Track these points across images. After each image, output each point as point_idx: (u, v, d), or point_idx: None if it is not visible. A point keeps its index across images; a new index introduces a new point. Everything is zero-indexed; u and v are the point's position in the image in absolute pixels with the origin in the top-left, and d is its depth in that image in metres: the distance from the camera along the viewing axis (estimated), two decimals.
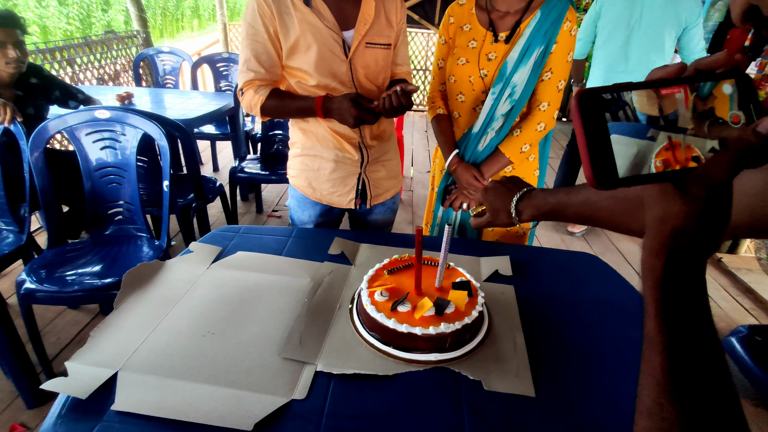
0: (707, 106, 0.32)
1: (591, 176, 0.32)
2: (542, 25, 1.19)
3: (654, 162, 0.32)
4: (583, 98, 0.32)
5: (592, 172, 0.32)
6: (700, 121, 0.32)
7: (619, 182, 0.32)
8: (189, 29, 16.80)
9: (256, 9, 1.12)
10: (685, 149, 0.32)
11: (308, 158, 1.29)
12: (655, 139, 0.32)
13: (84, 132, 1.65)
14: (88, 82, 3.66)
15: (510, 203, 0.83)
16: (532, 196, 0.82)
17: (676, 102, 0.32)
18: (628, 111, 0.32)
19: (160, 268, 1.04)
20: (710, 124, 0.32)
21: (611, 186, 0.32)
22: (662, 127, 0.32)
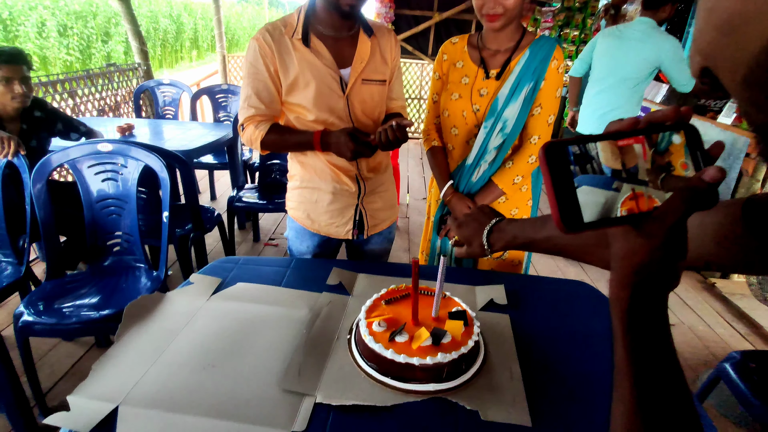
0: (665, 160, 0.36)
1: (558, 221, 0.35)
2: (531, 63, 1.25)
3: (619, 210, 0.35)
4: (549, 149, 0.36)
5: (559, 216, 0.35)
6: (656, 174, 0.36)
7: (584, 226, 0.35)
8: (188, 60, 17.16)
9: (257, 49, 1.17)
10: (647, 199, 0.36)
11: (307, 190, 1.32)
12: (619, 190, 0.36)
13: (86, 164, 1.68)
14: (89, 114, 3.73)
15: (482, 234, 0.85)
16: (502, 229, 0.84)
17: (636, 156, 0.35)
18: (594, 165, 0.36)
19: (161, 300, 1.05)
20: (664, 177, 0.36)
21: (577, 230, 0.35)
22: (625, 179, 0.35)
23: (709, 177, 0.33)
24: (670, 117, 0.36)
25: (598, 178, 0.36)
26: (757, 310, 2.51)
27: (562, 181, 0.35)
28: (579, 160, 0.47)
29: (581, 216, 0.35)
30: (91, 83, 3.76)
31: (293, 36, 1.18)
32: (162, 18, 15.20)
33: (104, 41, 12.56)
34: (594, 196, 0.35)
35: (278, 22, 1.20)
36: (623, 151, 0.35)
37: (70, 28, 11.45)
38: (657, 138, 0.36)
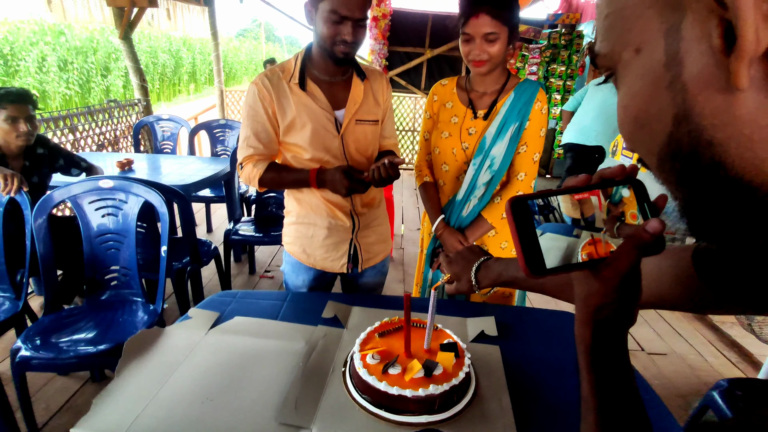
0: (619, 210, 0.41)
1: (524, 267, 0.40)
2: (516, 104, 1.34)
3: (580, 255, 0.40)
4: (514, 204, 0.40)
5: (525, 263, 0.39)
6: (611, 223, 0.41)
7: (547, 271, 0.40)
8: (186, 93, 17.50)
9: (256, 93, 1.25)
10: (604, 244, 0.41)
11: (303, 226, 1.37)
12: (579, 237, 0.40)
13: (87, 200, 1.73)
14: (88, 148, 3.80)
15: (470, 271, 0.90)
16: (489, 267, 0.88)
17: (593, 207, 0.41)
18: (556, 214, 0.41)
19: (160, 335, 1.08)
20: (618, 225, 0.41)
21: (541, 274, 0.40)
22: (583, 227, 0.41)
23: (651, 229, 0.38)
24: (617, 174, 0.42)
25: (561, 226, 0.41)
26: (748, 338, 2.54)
27: (527, 232, 0.39)
28: (542, 211, 0.51)
29: (544, 262, 0.39)
30: (92, 119, 3.85)
31: (290, 81, 1.25)
32: (161, 53, 15.59)
33: (104, 75, 12.82)
34: (557, 242, 0.40)
35: (276, 68, 1.28)
36: (582, 202, 0.42)
37: (70, 63, 11.71)
38: (611, 191, 0.41)
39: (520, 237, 0.39)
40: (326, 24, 1.15)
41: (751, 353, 2.44)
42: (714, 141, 0.25)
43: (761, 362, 2.23)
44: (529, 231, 0.40)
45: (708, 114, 0.25)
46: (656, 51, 0.27)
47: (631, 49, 0.29)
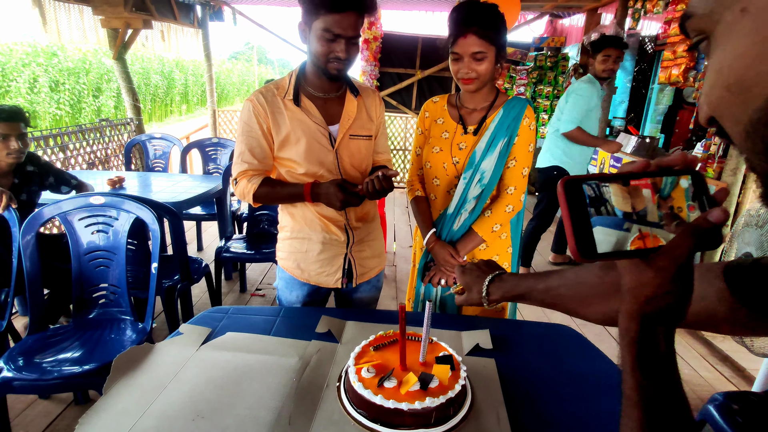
0: (668, 204, 0.40)
1: (575, 250, 0.38)
2: (505, 120, 1.36)
3: (629, 248, 0.39)
4: (567, 184, 0.39)
5: (576, 246, 0.38)
6: (669, 219, 0.40)
7: (599, 256, 0.38)
8: (178, 113, 17.55)
9: (251, 109, 1.26)
10: (653, 239, 0.39)
11: (297, 241, 1.37)
12: (629, 231, 0.39)
13: (77, 217, 1.71)
14: (78, 167, 3.77)
15: (482, 283, 0.90)
16: (503, 280, 0.88)
17: (645, 200, 0.40)
18: (608, 207, 0.39)
19: (150, 352, 1.06)
20: (670, 219, 0.40)
21: (592, 258, 0.38)
22: (635, 221, 0.39)
23: (714, 217, 0.36)
24: (677, 162, 0.40)
25: (611, 219, 0.40)
26: (740, 353, 2.55)
27: (579, 214, 0.38)
28: (594, 203, 0.50)
29: (595, 246, 0.38)
30: (83, 137, 3.84)
31: (285, 97, 1.27)
32: (153, 74, 15.69)
33: (95, 96, 12.83)
34: (607, 235, 0.39)
35: (271, 85, 1.30)
36: (633, 194, 0.39)
37: (62, 84, 11.72)
38: (661, 183, 0.40)
39: (572, 218, 0.38)
40: (320, 42, 1.17)
41: (744, 367, 2.44)
42: None
43: (754, 376, 2.24)
44: (582, 213, 0.38)
45: None
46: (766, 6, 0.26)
47: (736, 8, 0.28)
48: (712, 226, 0.36)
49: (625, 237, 0.39)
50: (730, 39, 0.28)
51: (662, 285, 0.39)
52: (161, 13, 4.81)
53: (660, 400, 0.40)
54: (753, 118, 0.28)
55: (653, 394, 0.40)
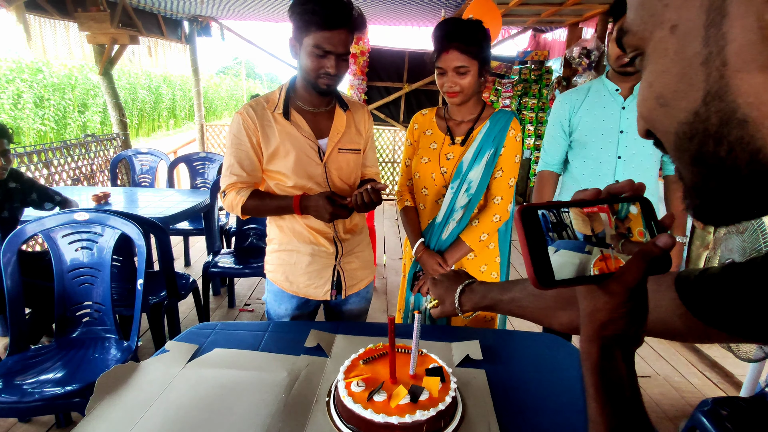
0: (626, 227, 0.41)
1: (533, 277, 0.38)
2: (491, 132, 1.38)
3: (592, 270, 0.40)
4: (524, 212, 0.39)
5: (534, 274, 0.38)
6: (619, 239, 0.41)
7: (556, 283, 0.39)
8: (165, 128, 17.46)
9: (241, 122, 1.26)
10: (614, 260, 0.40)
11: (285, 253, 1.36)
12: (590, 253, 0.40)
13: (61, 233, 1.68)
14: (63, 183, 3.72)
15: (454, 294, 0.90)
16: (473, 290, 0.89)
17: (602, 223, 0.40)
18: (569, 231, 0.40)
19: (135, 370, 1.03)
20: (624, 242, 0.41)
21: (549, 286, 0.38)
22: (594, 243, 0.40)
23: (662, 243, 0.37)
24: (626, 189, 0.41)
25: (573, 243, 0.40)
26: (728, 359, 2.58)
27: (536, 241, 0.38)
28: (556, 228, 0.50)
29: (552, 273, 0.38)
30: (68, 153, 3.79)
31: (275, 111, 1.27)
32: (141, 89, 15.62)
33: (81, 112, 12.71)
34: (569, 258, 0.39)
35: (261, 99, 1.30)
36: (592, 218, 0.40)
37: (47, 100, 11.60)
38: (618, 207, 0.41)
39: (529, 246, 0.38)
40: (310, 58, 1.18)
41: (732, 373, 2.47)
42: (748, 120, 0.25)
43: (742, 381, 2.26)
44: (539, 241, 0.39)
45: (745, 92, 0.25)
46: (695, 27, 0.27)
47: (666, 26, 0.29)
48: (661, 252, 0.38)
49: (587, 259, 0.40)
50: (659, 55, 0.30)
51: (616, 309, 0.40)
52: (148, 29, 4.82)
53: (624, 423, 0.40)
54: (678, 131, 0.30)
55: (617, 416, 0.40)
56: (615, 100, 1.62)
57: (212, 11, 5.05)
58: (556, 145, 1.76)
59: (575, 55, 4.19)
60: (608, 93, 1.64)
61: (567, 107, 1.71)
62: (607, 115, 1.63)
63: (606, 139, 1.63)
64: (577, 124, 1.68)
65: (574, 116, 1.69)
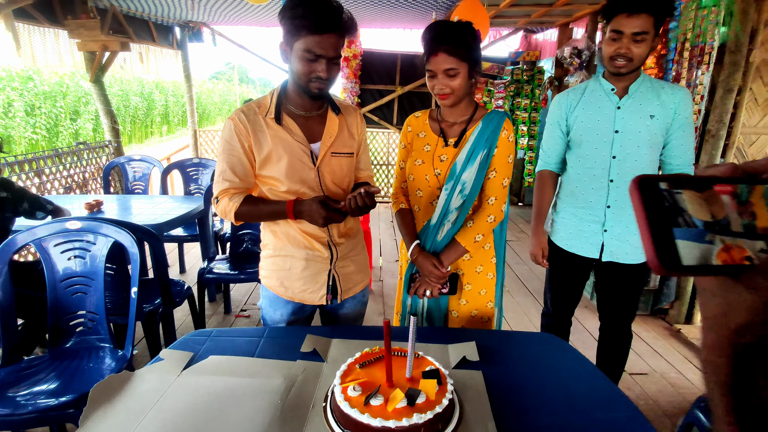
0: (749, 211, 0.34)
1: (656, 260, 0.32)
2: (484, 132, 1.39)
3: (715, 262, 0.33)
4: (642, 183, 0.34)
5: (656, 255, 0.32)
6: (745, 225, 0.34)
7: (683, 269, 0.32)
8: (158, 134, 17.38)
9: (233, 128, 1.25)
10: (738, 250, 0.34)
11: (280, 258, 1.35)
12: (713, 243, 0.33)
13: (53, 243, 1.67)
14: (55, 191, 3.69)
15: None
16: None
17: (724, 207, 0.34)
18: (686, 217, 0.34)
19: (129, 380, 1.02)
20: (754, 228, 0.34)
21: (675, 270, 0.32)
22: (717, 231, 0.34)
23: None
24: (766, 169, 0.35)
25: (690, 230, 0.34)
26: None
27: (657, 216, 0.33)
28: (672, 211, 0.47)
29: (679, 255, 0.32)
30: (59, 161, 3.76)
31: (267, 115, 1.27)
32: (133, 96, 15.54)
33: (73, 119, 12.62)
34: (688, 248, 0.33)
35: (253, 104, 1.30)
36: (710, 202, 0.35)
37: (38, 108, 11.51)
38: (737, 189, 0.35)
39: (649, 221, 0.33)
40: (301, 62, 1.18)
41: None
42: None
43: None
44: (660, 217, 0.33)
45: None
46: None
47: None
48: None
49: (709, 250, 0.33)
50: None
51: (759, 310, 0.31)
52: (139, 35, 4.80)
53: None
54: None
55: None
56: (610, 100, 1.63)
57: (203, 17, 5.04)
58: (554, 145, 1.77)
59: (566, 55, 4.22)
60: (604, 93, 1.65)
61: (564, 107, 1.73)
62: (602, 115, 1.64)
63: (601, 139, 1.64)
64: (573, 123, 1.69)
65: (570, 115, 1.71)
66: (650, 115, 1.57)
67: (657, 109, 1.57)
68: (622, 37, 1.48)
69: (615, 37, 1.50)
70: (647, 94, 1.59)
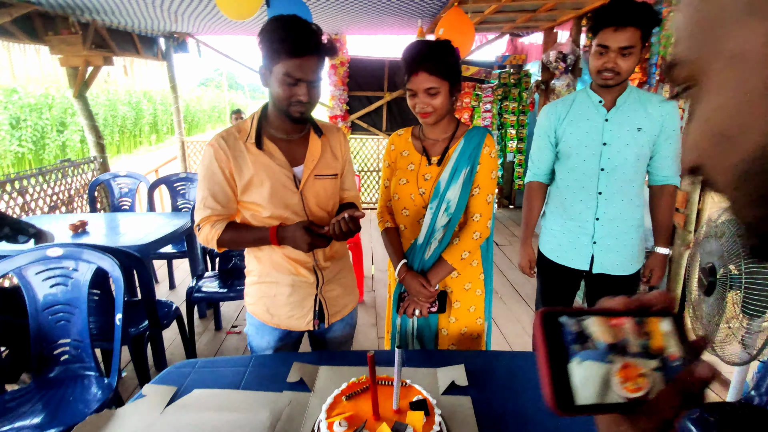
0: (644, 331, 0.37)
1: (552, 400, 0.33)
2: (466, 150, 1.38)
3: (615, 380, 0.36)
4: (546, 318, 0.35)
5: (553, 396, 0.33)
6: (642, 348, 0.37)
7: (576, 408, 0.34)
8: (147, 144, 17.24)
9: (212, 154, 1.23)
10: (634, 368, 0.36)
11: (265, 285, 1.34)
12: (613, 362, 0.36)
13: (34, 271, 1.63)
14: (39, 210, 3.63)
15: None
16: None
17: (625, 331, 0.37)
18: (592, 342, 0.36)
19: (110, 419, 1.00)
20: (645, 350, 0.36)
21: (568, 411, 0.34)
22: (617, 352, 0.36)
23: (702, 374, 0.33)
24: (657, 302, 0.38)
25: (594, 353, 0.36)
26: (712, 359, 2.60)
27: (557, 355, 0.34)
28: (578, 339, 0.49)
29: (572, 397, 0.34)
30: (43, 179, 3.70)
31: (247, 140, 1.25)
32: (121, 106, 15.41)
33: (59, 131, 12.49)
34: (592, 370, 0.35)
35: (233, 129, 1.28)
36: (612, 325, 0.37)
37: (23, 121, 11.37)
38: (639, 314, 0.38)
39: (550, 360, 0.34)
40: (282, 86, 1.17)
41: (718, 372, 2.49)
42: None
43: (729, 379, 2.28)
44: (560, 354, 0.34)
45: None
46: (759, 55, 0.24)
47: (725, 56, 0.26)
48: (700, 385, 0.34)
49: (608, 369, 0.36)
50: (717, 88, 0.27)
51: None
52: (122, 47, 4.75)
53: None
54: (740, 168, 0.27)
55: None
56: (598, 112, 1.63)
57: (187, 28, 5.00)
58: (543, 156, 1.77)
59: (552, 59, 4.24)
60: (592, 105, 1.65)
61: (553, 118, 1.73)
62: (590, 127, 1.64)
63: (589, 151, 1.64)
64: (562, 135, 1.69)
65: (559, 127, 1.71)
66: (637, 127, 1.57)
67: (644, 121, 1.58)
68: (608, 51, 1.48)
69: (602, 51, 1.50)
70: (634, 105, 1.59)
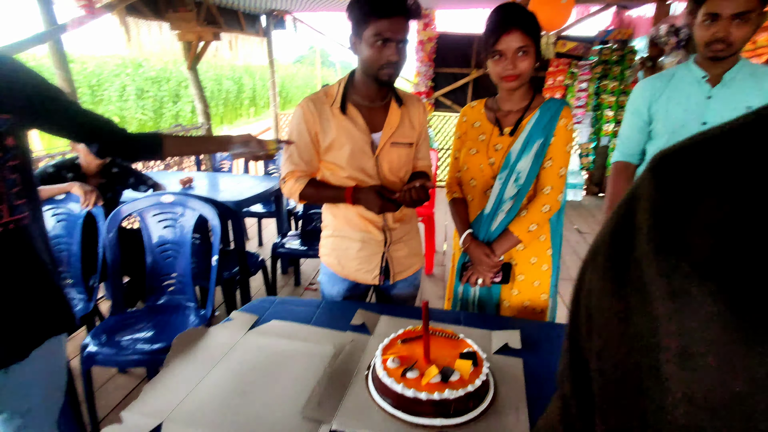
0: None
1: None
2: (541, 121, 1.36)
3: None
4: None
5: None
6: None
7: None
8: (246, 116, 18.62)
9: (302, 115, 1.36)
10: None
11: (338, 239, 1.46)
12: None
13: (151, 213, 1.93)
14: (156, 168, 4.17)
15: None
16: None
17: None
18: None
19: (205, 334, 1.19)
20: None
21: None
22: None
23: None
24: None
25: None
26: None
27: None
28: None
29: None
30: None
31: (333, 105, 1.35)
32: (225, 80, 16.78)
33: (174, 102, 13.98)
34: None
35: (321, 93, 1.39)
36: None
37: (146, 92, 12.91)
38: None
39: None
40: (372, 48, 1.24)
41: None
42: None
43: None
44: None
45: None
46: None
47: None
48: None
49: None
50: None
51: None
52: (229, 24, 5.17)
53: None
54: None
55: None
56: (700, 89, 1.48)
57: (287, 5, 5.29)
58: (633, 134, 1.65)
59: (662, 33, 3.84)
60: (694, 80, 1.50)
61: (647, 95, 1.60)
62: (690, 105, 1.50)
63: (686, 132, 1.50)
64: (657, 113, 1.57)
65: (654, 104, 1.58)
66: (747, 106, 1.40)
67: (757, 100, 1.39)
68: (719, 18, 1.32)
69: (711, 19, 1.33)
70: (746, 82, 1.42)
